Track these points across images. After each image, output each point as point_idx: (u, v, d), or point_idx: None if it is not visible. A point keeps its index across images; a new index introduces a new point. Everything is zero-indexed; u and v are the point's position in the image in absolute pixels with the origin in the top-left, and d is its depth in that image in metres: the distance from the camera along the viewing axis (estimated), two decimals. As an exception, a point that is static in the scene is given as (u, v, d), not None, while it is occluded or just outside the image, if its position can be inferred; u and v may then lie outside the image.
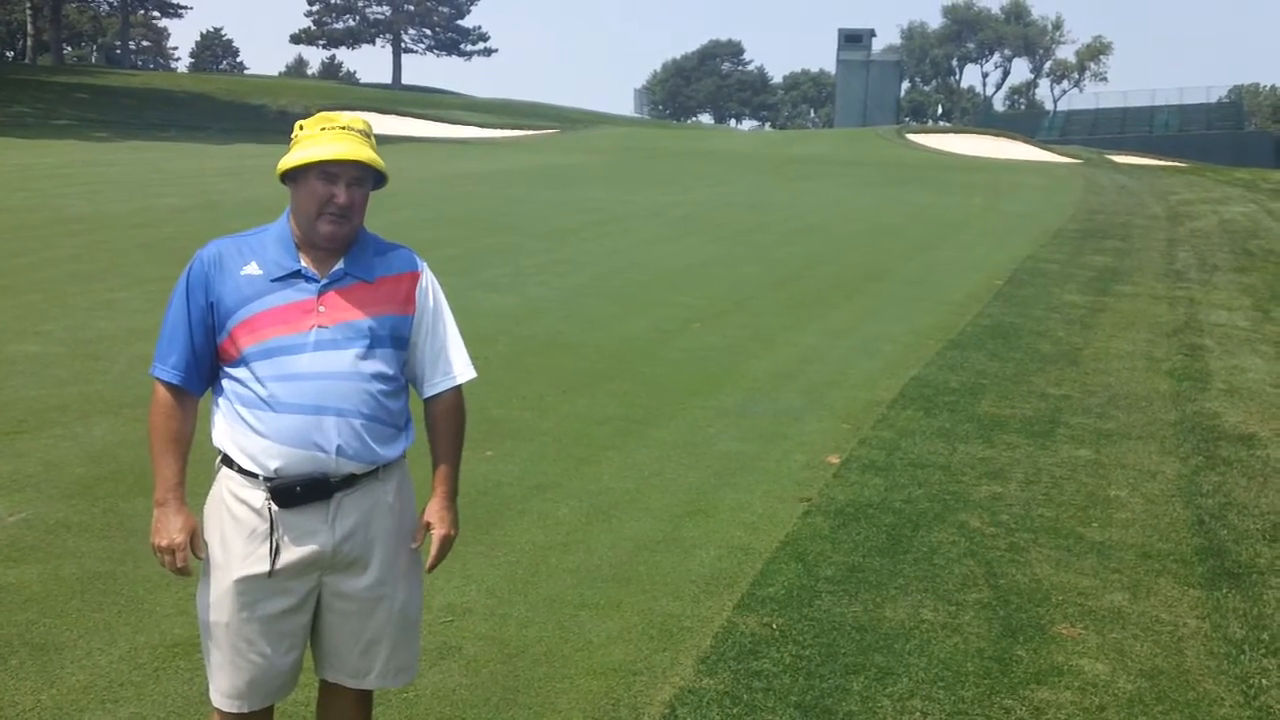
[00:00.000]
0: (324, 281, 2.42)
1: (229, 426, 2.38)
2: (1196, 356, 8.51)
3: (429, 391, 2.60)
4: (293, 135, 2.47)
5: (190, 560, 2.41)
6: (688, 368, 7.58)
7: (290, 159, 2.41)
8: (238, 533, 2.37)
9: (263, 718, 2.50)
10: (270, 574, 2.36)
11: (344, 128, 2.42)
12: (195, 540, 2.41)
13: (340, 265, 2.45)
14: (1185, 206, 22.29)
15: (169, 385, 2.40)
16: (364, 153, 2.39)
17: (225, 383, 2.41)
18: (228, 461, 2.39)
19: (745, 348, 8.27)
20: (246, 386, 2.36)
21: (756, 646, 3.70)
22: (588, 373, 7.33)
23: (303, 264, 2.42)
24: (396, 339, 2.48)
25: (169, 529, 2.38)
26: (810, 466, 5.59)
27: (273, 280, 2.40)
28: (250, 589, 2.37)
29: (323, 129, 2.42)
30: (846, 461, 5.66)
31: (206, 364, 2.42)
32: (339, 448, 2.36)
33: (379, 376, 2.44)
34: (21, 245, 11.06)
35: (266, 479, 2.35)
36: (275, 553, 2.36)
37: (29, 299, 8.59)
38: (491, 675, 3.49)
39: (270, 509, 2.36)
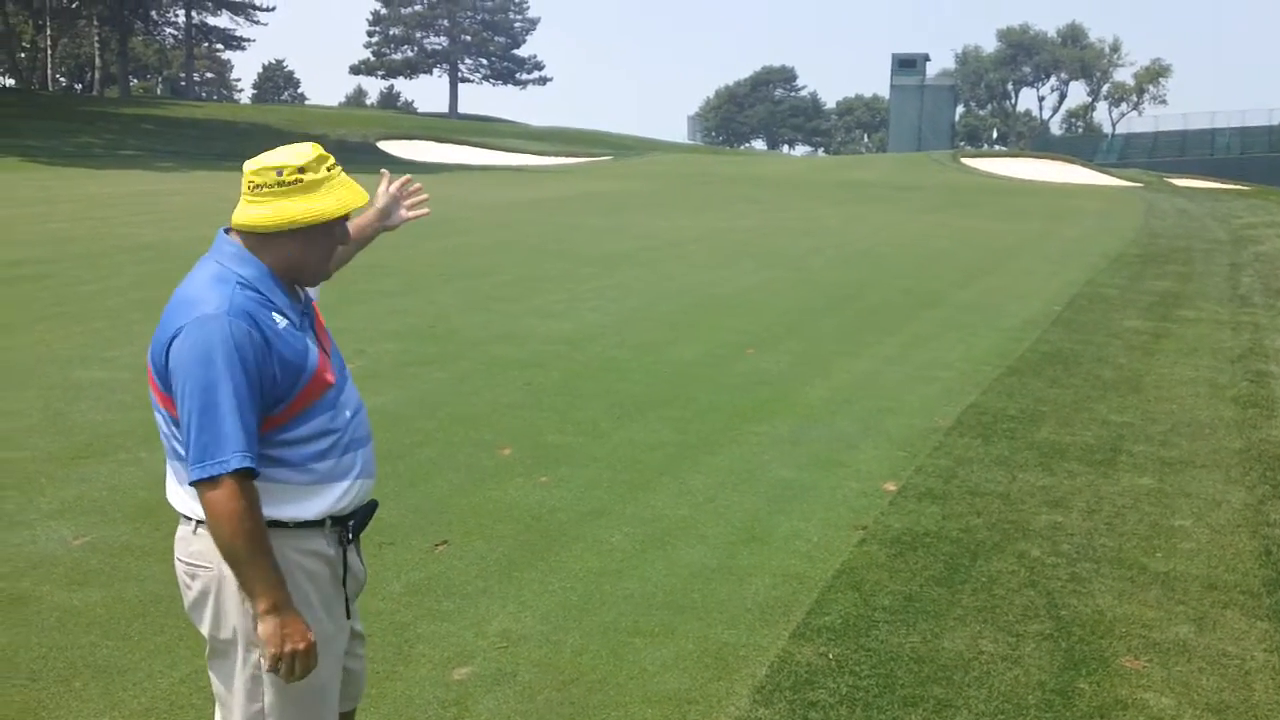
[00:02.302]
0: (311, 315, 2.38)
1: (286, 488, 2.23)
2: (1262, 383, 8.30)
3: None
4: (291, 179, 2.21)
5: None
6: (741, 393, 7.56)
7: (324, 207, 2.23)
8: (318, 588, 2.29)
9: None
10: (349, 616, 2.38)
11: (339, 166, 2.32)
12: None
13: (304, 295, 2.39)
14: (1248, 230, 21.83)
15: (251, 473, 2.13)
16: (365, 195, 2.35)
17: (272, 450, 2.21)
18: (275, 525, 2.21)
19: (799, 373, 8.23)
20: (316, 440, 2.26)
21: (813, 677, 3.66)
22: (641, 398, 7.34)
23: (299, 303, 2.33)
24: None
25: (301, 630, 2.16)
26: (866, 494, 5.53)
27: (300, 328, 2.28)
28: (333, 636, 2.32)
29: (329, 168, 2.28)
30: (903, 489, 5.60)
31: None
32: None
33: None
34: (89, 273, 11.35)
35: (335, 520, 2.29)
36: (346, 595, 2.38)
37: (95, 326, 8.81)
38: (546, 702, 3.49)
39: (344, 550, 2.33)
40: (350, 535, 2.35)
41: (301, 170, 2.22)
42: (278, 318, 2.22)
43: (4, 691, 3.44)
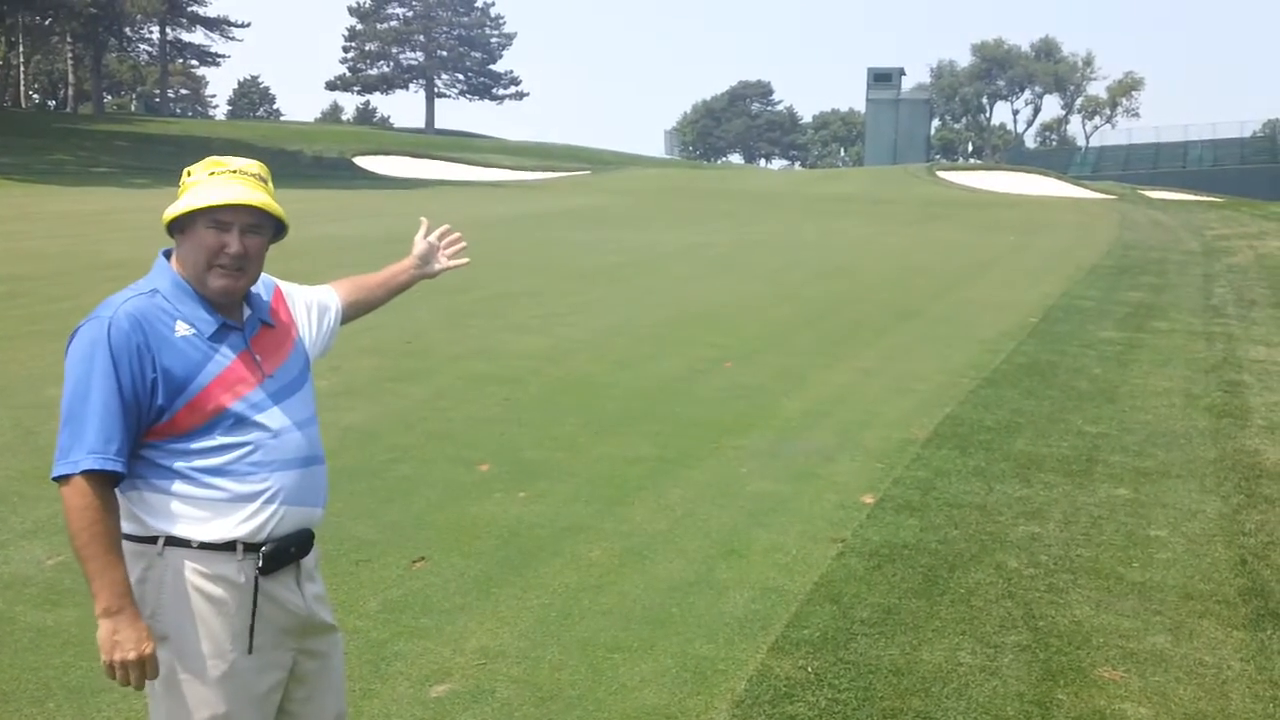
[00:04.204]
0: (246, 331, 2.29)
1: (182, 503, 2.16)
2: (1235, 393, 8.38)
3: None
4: (180, 182, 2.27)
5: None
6: (720, 407, 7.57)
7: (177, 206, 2.21)
8: (219, 613, 2.17)
9: None
10: (251, 650, 2.20)
11: (235, 171, 2.24)
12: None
13: (249, 311, 2.32)
14: (1221, 241, 22.08)
15: (109, 476, 2.09)
16: (258, 197, 2.22)
17: (165, 459, 2.17)
18: (176, 543, 2.17)
19: (777, 387, 8.25)
20: (214, 455, 2.17)
21: (791, 690, 3.65)
22: (619, 413, 7.33)
23: (222, 316, 2.25)
24: (306, 367, 2.44)
25: (135, 639, 2.09)
26: (844, 507, 5.54)
27: (209, 339, 2.21)
28: (243, 670, 2.20)
29: (211, 173, 2.23)
30: (881, 502, 5.61)
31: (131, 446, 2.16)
32: (324, 499, 2.36)
33: (315, 416, 2.40)
34: (62, 290, 11.26)
35: (250, 547, 2.19)
36: (252, 627, 2.20)
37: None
38: (525, 718, 3.47)
39: (256, 579, 2.20)
40: (261, 565, 2.20)
41: (190, 174, 2.26)
42: (180, 326, 2.19)
43: (-26, 715, 3.40)
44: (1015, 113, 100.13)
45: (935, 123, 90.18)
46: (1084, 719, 3.53)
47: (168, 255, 2.30)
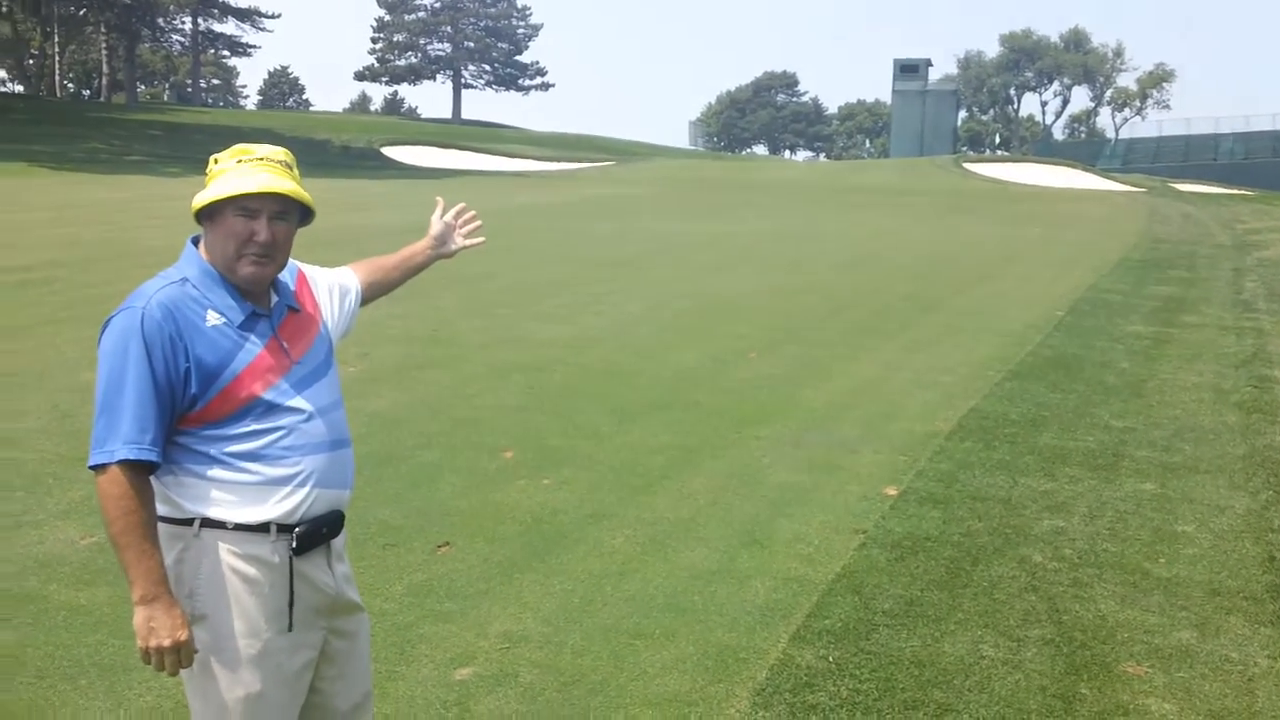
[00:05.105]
0: (273, 318, 2.31)
1: (217, 487, 2.20)
2: (1265, 388, 8.30)
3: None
4: (207, 170, 2.28)
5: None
6: (743, 397, 7.57)
7: (205, 195, 2.22)
8: (254, 594, 2.22)
9: None
10: (291, 628, 2.25)
11: (262, 159, 2.25)
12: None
13: (276, 298, 2.35)
14: (1253, 235, 21.83)
15: (144, 465, 2.12)
16: (285, 185, 2.23)
17: (199, 445, 2.20)
18: (211, 525, 2.20)
19: (800, 378, 8.24)
20: (247, 440, 2.21)
21: (812, 680, 3.67)
22: (643, 402, 7.35)
23: (250, 303, 2.28)
24: (331, 351, 2.46)
25: (170, 626, 2.11)
26: (866, 498, 5.54)
27: (239, 328, 2.24)
28: (278, 650, 2.24)
29: (239, 161, 2.24)
30: (904, 494, 5.60)
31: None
32: (352, 481, 2.39)
33: (341, 399, 2.43)
34: (97, 276, 11.40)
35: (283, 528, 2.23)
36: (291, 605, 2.25)
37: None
38: (547, 703, 3.50)
39: (290, 560, 2.24)
40: (295, 545, 2.24)
41: (216, 161, 2.26)
42: (211, 315, 2.21)
43: (11, 689, 3.46)
44: (1044, 104, 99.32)
45: (962, 114, 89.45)
46: (1107, 714, 3.52)
47: (195, 242, 2.33)
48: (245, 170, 2.22)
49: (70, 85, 74.62)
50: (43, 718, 3.32)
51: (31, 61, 67.62)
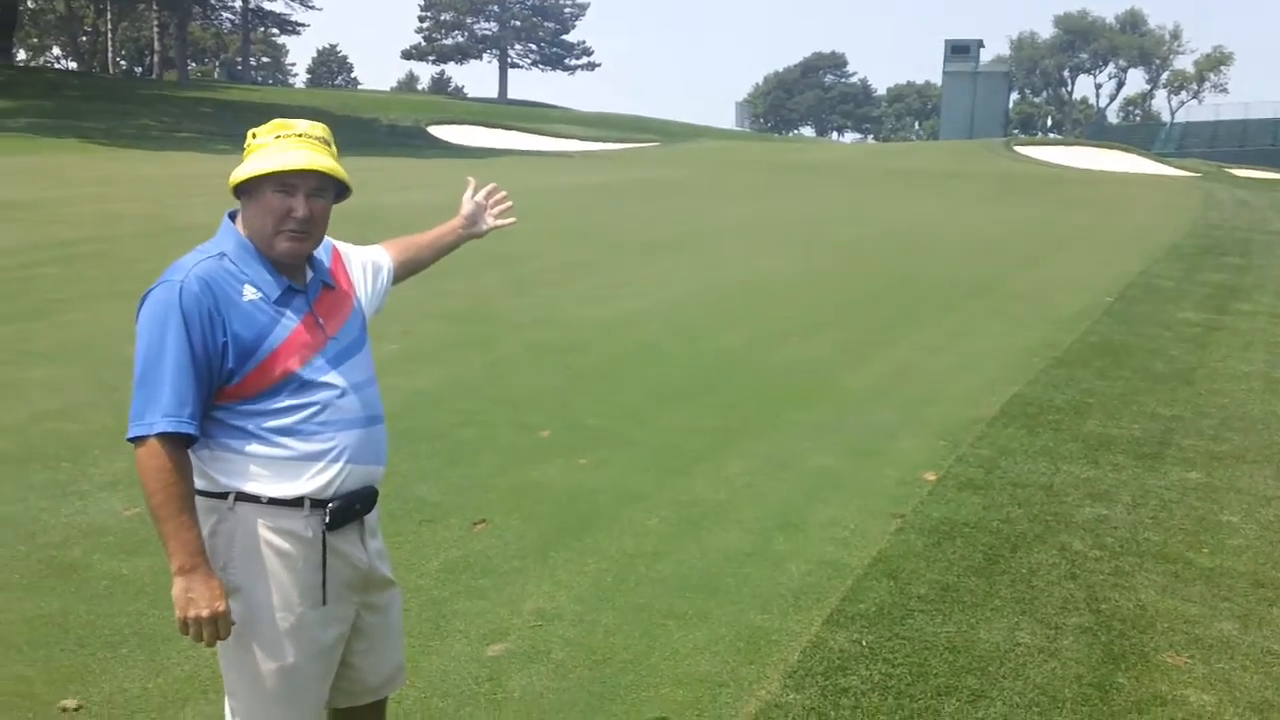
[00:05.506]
0: (309, 294, 2.32)
1: (252, 462, 2.21)
2: (1320, 378, 8.12)
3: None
4: (245, 145, 2.28)
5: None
6: (782, 380, 7.53)
7: (244, 170, 2.22)
8: (288, 567, 2.24)
9: None
10: (325, 602, 2.28)
11: (300, 135, 2.25)
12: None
13: (312, 274, 2.36)
14: (1311, 222, 21.30)
15: (183, 438, 2.14)
16: (323, 161, 2.23)
17: (236, 420, 2.22)
18: (246, 499, 2.22)
19: (841, 362, 8.18)
20: (282, 415, 2.22)
21: (845, 663, 3.65)
22: (682, 384, 7.34)
23: (286, 279, 2.28)
24: (364, 327, 2.47)
25: (209, 597, 2.14)
26: (905, 483, 5.49)
27: (275, 303, 2.25)
28: (311, 623, 2.26)
29: (277, 137, 2.24)
30: (943, 479, 5.55)
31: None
32: (385, 457, 2.40)
33: (374, 376, 2.45)
34: (143, 252, 11.56)
35: (317, 503, 2.24)
36: (324, 579, 2.27)
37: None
38: (579, 681, 3.51)
39: (324, 534, 2.25)
40: (329, 520, 2.26)
41: (254, 136, 2.26)
42: (248, 290, 2.22)
43: (53, 656, 3.54)
44: (1098, 87, 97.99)
45: (1014, 96, 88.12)
46: (1144, 704, 3.47)
47: (233, 217, 2.34)
48: (284, 146, 2.22)
49: (123, 62, 75.70)
50: (84, 685, 3.39)
51: (85, 39, 68.69)
